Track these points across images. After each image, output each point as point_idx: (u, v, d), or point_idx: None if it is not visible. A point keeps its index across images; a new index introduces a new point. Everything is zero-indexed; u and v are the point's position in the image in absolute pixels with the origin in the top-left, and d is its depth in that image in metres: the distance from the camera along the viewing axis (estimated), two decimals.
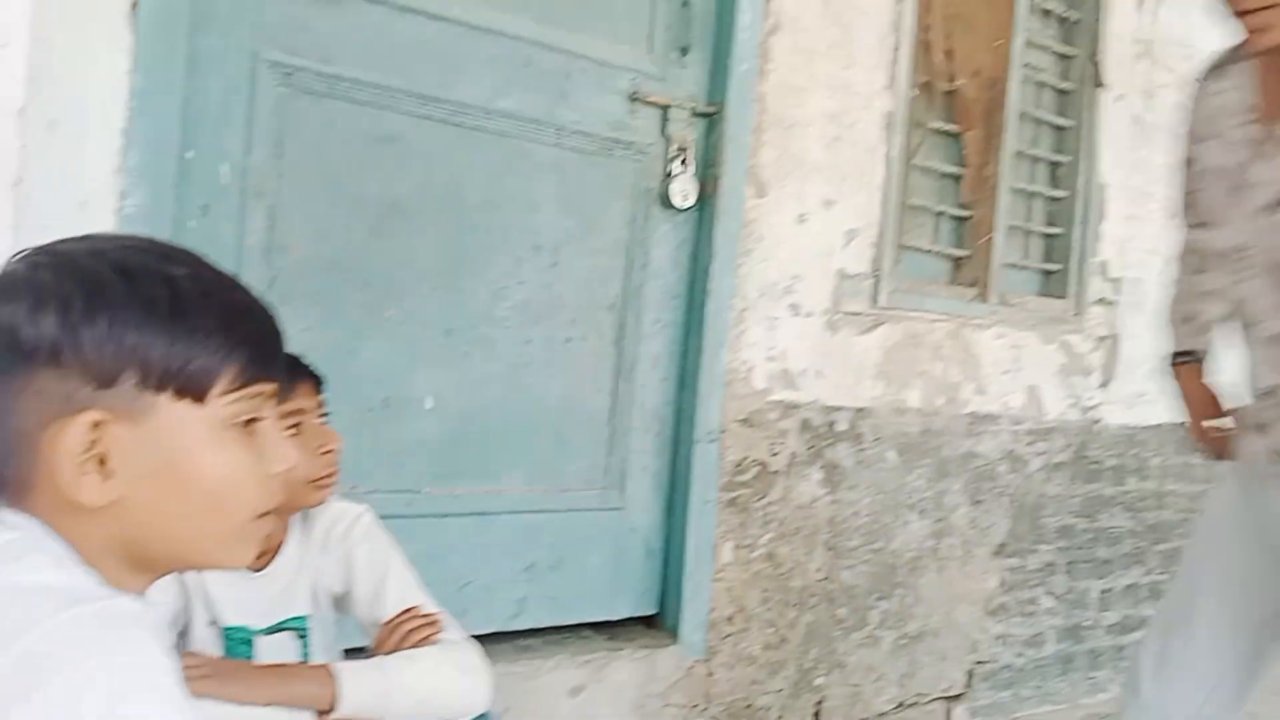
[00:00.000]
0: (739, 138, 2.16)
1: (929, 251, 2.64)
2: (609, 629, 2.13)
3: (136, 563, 0.72)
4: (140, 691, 0.61)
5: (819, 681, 2.38)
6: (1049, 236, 2.91)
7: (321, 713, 1.09)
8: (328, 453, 1.21)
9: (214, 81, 1.62)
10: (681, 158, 2.12)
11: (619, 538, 2.13)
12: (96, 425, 0.67)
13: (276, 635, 1.22)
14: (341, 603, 1.29)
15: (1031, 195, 2.86)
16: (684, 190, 2.12)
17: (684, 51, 2.13)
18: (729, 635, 2.22)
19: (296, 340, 1.68)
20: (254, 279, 1.65)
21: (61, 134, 1.46)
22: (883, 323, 2.45)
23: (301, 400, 1.19)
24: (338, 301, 1.77)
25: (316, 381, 1.23)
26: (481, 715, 1.25)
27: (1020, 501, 2.75)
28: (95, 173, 1.50)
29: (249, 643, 1.19)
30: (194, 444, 0.70)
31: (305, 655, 1.23)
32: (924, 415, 2.52)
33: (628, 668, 2.05)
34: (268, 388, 0.74)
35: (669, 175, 2.11)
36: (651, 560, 2.18)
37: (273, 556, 1.24)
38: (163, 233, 1.55)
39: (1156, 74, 3.05)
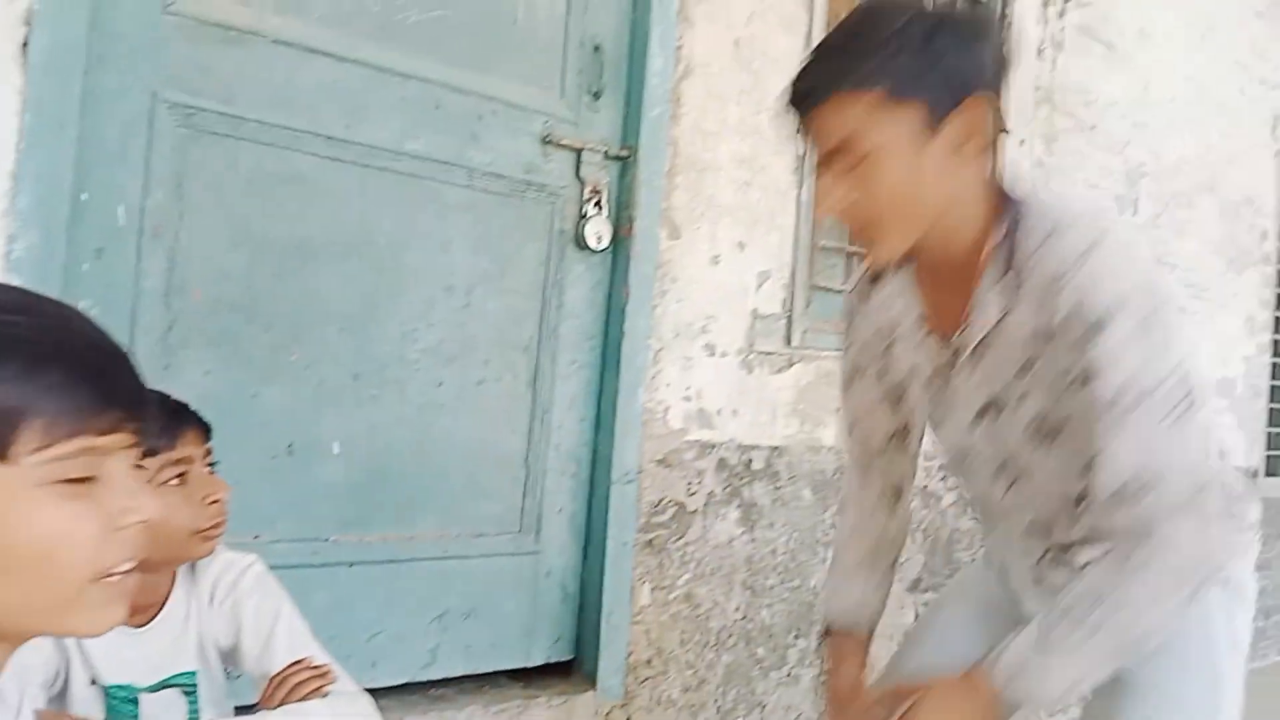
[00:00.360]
0: (652, 181, 2.18)
1: (840, 291, 2.68)
2: (525, 676, 2.09)
3: None
4: None
5: None
6: None
7: None
8: (214, 502, 1.17)
9: (111, 122, 1.58)
10: (595, 200, 2.13)
11: (535, 582, 2.10)
12: None
13: (162, 693, 1.17)
14: (230, 657, 1.24)
15: None
16: (598, 232, 2.12)
17: (596, 95, 2.15)
18: (647, 679, 2.20)
19: (197, 384, 1.65)
20: (152, 322, 1.62)
21: None
22: (796, 362, 2.48)
23: (187, 448, 1.15)
24: (240, 344, 1.73)
25: (203, 429, 1.20)
26: None
27: (934, 536, 2.79)
28: None
29: (134, 701, 1.14)
30: (4, 505, 0.64)
31: (193, 713, 1.18)
32: (838, 453, 2.55)
33: (544, 715, 2.01)
34: (107, 440, 0.68)
35: (583, 217, 2.12)
36: (568, 604, 2.15)
37: (157, 611, 1.19)
38: (54, 276, 1.50)
39: (1057, 119, 3.17)
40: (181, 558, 1.18)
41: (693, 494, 2.28)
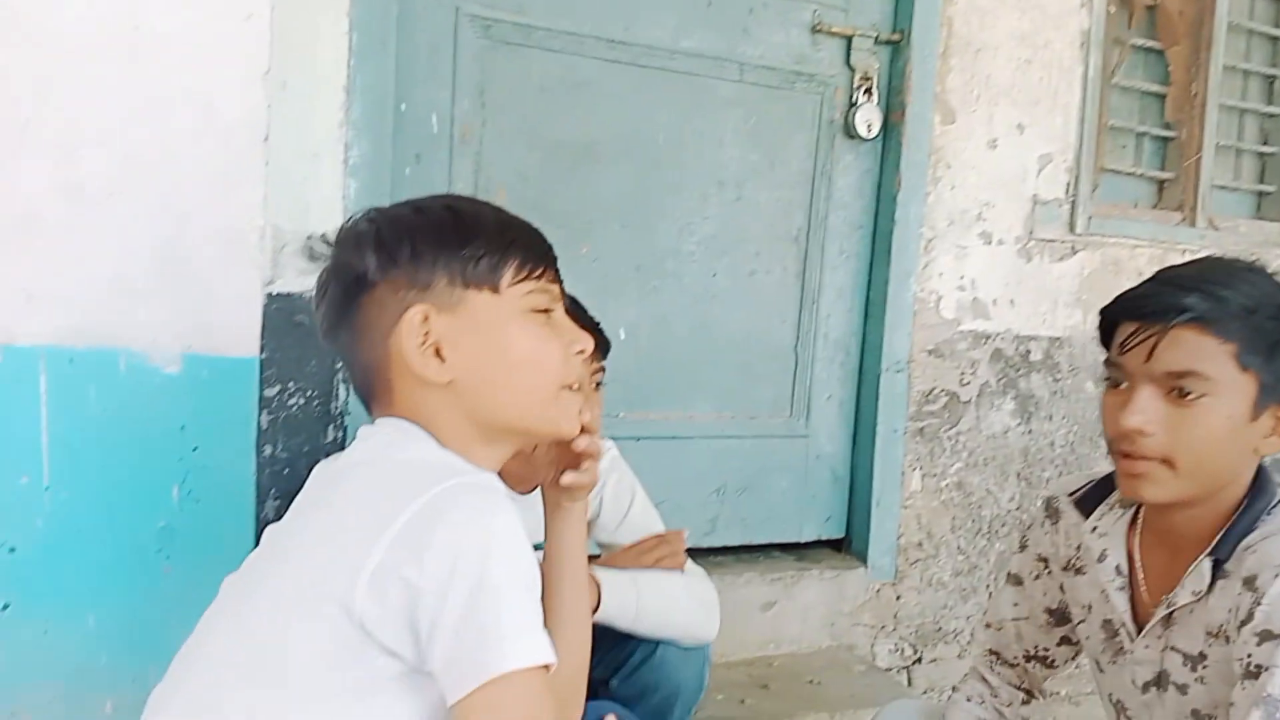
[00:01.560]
0: (924, 64, 2.14)
1: (1130, 174, 2.53)
2: (797, 550, 2.20)
3: (483, 436, 0.91)
4: (504, 556, 0.78)
5: None
6: (1264, 155, 2.72)
7: None
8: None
9: (421, 37, 1.76)
10: (865, 87, 2.12)
11: (805, 464, 2.18)
12: (425, 318, 0.88)
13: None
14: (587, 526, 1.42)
15: (1244, 112, 2.68)
16: (868, 120, 2.12)
17: None
18: (917, 561, 2.24)
19: None
20: None
21: (294, 92, 1.62)
22: (1081, 249, 2.37)
23: (589, 363, 1.28)
24: None
25: (604, 349, 1.32)
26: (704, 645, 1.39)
27: None
28: (323, 126, 1.65)
29: None
30: (501, 325, 0.89)
31: None
32: None
33: (816, 587, 2.11)
34: (552, 286, 0.92)
35: (853, 105, 2.12)
36: (838, 486, 2.22)
37: (535, 485, 1.37)
38: (384, 179, 1.70)
39: None
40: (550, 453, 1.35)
41: (965, 384, 2.27)
